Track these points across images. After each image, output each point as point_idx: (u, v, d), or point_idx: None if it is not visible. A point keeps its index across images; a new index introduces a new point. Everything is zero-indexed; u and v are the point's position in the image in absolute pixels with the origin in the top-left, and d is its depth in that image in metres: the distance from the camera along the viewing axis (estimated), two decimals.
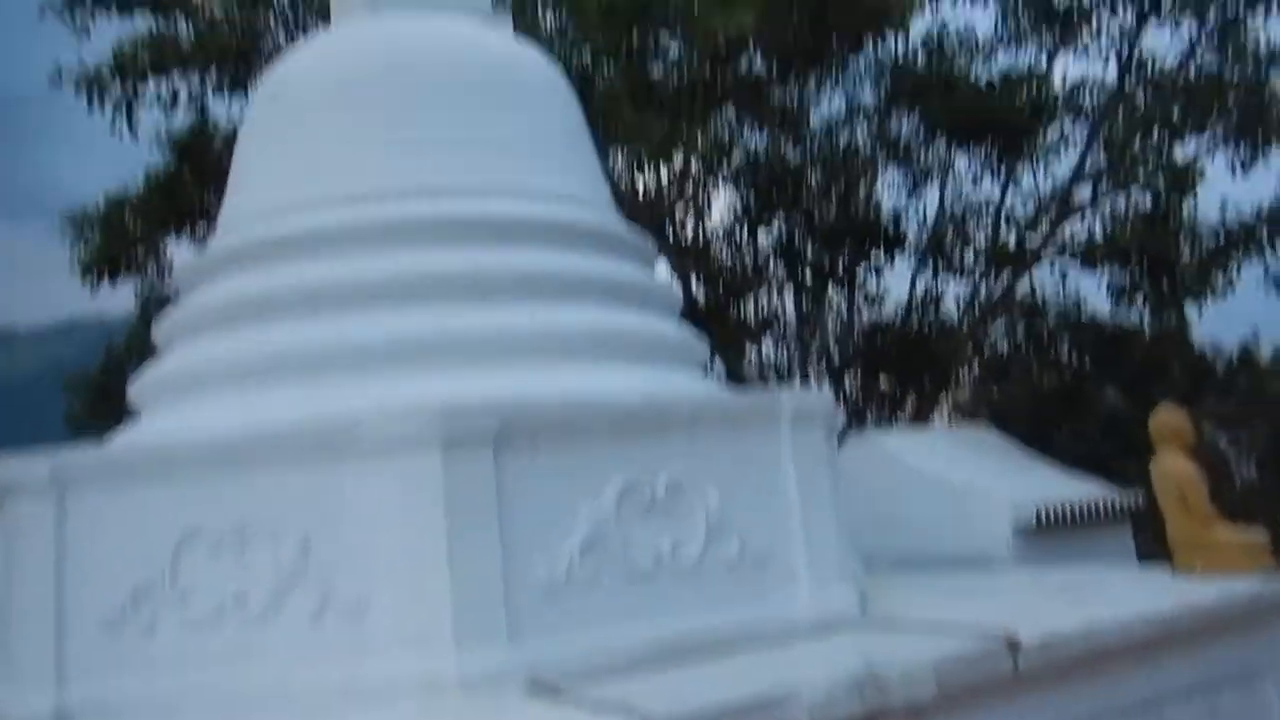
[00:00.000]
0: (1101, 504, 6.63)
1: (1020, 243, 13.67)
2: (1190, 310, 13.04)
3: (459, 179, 4.99)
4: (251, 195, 5.31)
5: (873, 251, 13.11)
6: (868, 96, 14.64)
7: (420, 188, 4.93)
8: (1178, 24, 12.86)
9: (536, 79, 5.67)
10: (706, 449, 4.29)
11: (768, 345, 15.97)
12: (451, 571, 3.65)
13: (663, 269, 13.68)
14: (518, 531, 3.82)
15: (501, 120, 5.25)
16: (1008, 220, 14.16)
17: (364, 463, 3.81)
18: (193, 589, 3.90)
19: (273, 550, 3.85)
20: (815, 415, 4.64)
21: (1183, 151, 13.10)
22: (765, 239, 14.14)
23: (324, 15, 8.57)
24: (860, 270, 13.53)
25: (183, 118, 13.99)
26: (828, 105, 15.21)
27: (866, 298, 14.96)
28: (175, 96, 13.64)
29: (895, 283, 15.09)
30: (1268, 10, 12.06)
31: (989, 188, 14.67)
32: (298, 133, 5.25)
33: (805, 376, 14.67)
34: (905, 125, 14.74)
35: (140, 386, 5.22)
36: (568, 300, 4.88)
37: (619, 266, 5.25)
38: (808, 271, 13.53)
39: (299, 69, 5.62)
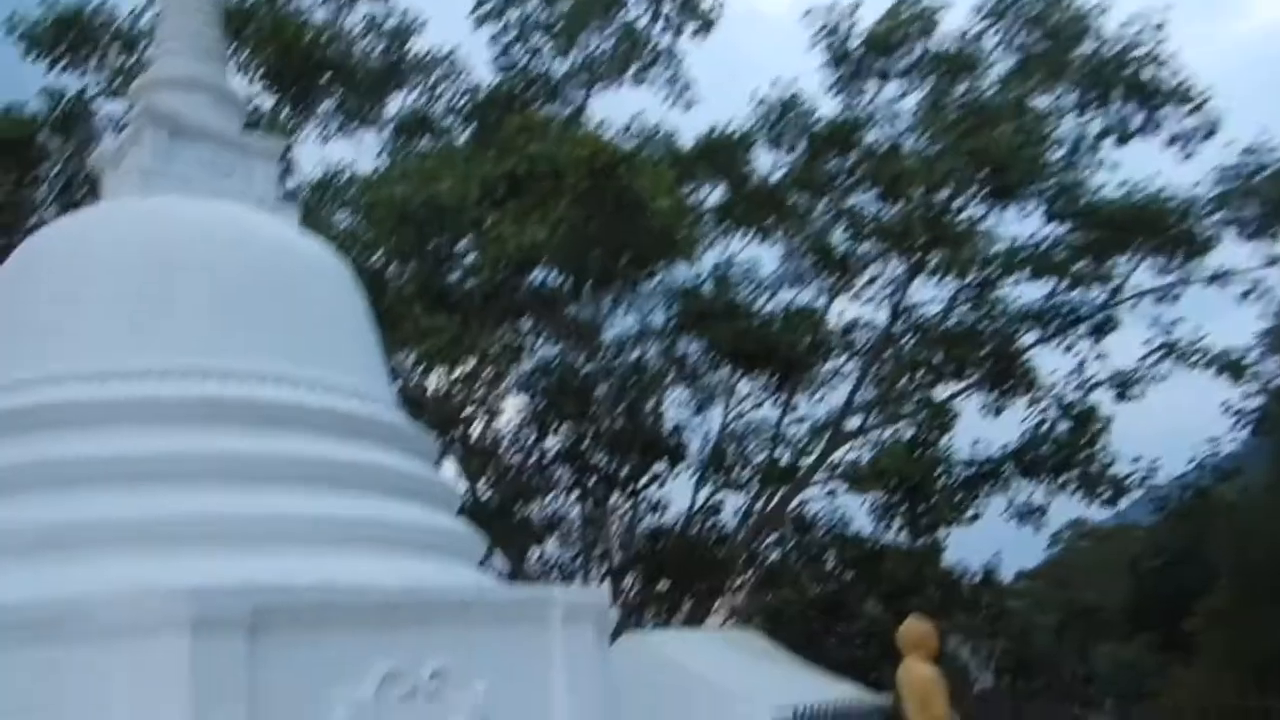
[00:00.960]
0: (855, 706, 6.89)
1: (794, 463, 14.48)
2: (943, 533, 14.09)
3: (224, 362, 4.90)
4: None
5: (656, 462, 13.52)
6: (658, 318, 15.54)
7: (181, 368, 4.81)
8: (941, 280, 14.44)
9: (316, 269, 5.67)
10: (475, 640, 4.29)
11: (552, 545, 15.98)
12: None
13: (450, 468, 13.66)
14: (272, 715, 3.66)
15: (275, 307, 5.21)
16: (784, 442, 15.04)
17: (103, 643, 3.60)
18: None
19: None
20: (587, 611, 4.73)
21: (942, 392, 14.47)
22: (553, 443, 14.38)
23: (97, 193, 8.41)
24: (643, 479, 13.89)
25: None
26: (620, 323, 16.03)
27: (649, 505, 15.33)
28: None
29: (677, 492, 15.60)
30: (1019, 276, 13.78)
31: (768, 411, 15.61)
32: (47, 308, 5.05)
33: (587, 576, 14.69)
34: (693, 347, 15.64)
35: None
36: (337, 489, 4.82)
37: (394, 459, 5.25)
38: (593, 477, 13.79)
39: (55, 243, 5.43)
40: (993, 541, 15.44)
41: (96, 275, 5.07)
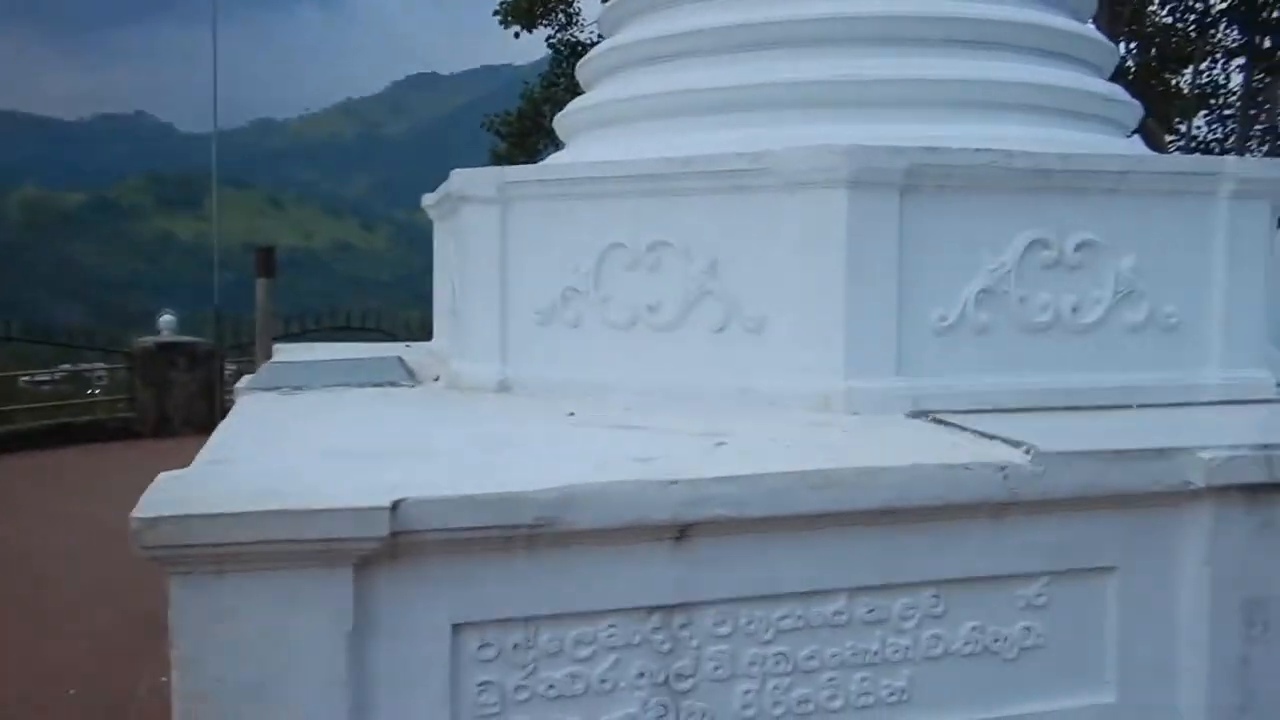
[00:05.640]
0: None
1: None
2: None
3: None
4: None
5: None
6: None
7: None
8: None
9: None
10: (1127, 212, 4.08)
11: (1200, 122, 14.29)
12: (847, 303, 3.84)
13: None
14: (915, 274, 3.90)
15: None
16: None
17: (772, 195, 3.99)
18: (612, 296, 4.37)
19: (683, 268, 4.20)
20: (1263, 187, 4.22)
21: None
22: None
23: None
24: None
25: None
26: None
27: None
28: None
29: None
30: None
31: None
32: None
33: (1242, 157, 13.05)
34: None
35: (566, 119, 5.69)
36: (986, 50, 4.66)
37: (1045, 16, 4.88)
38: (1267, 38, 11.72)
39: None
40: None
41: None
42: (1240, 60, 13.19)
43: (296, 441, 3.38)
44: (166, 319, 16.18)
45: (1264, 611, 3.25)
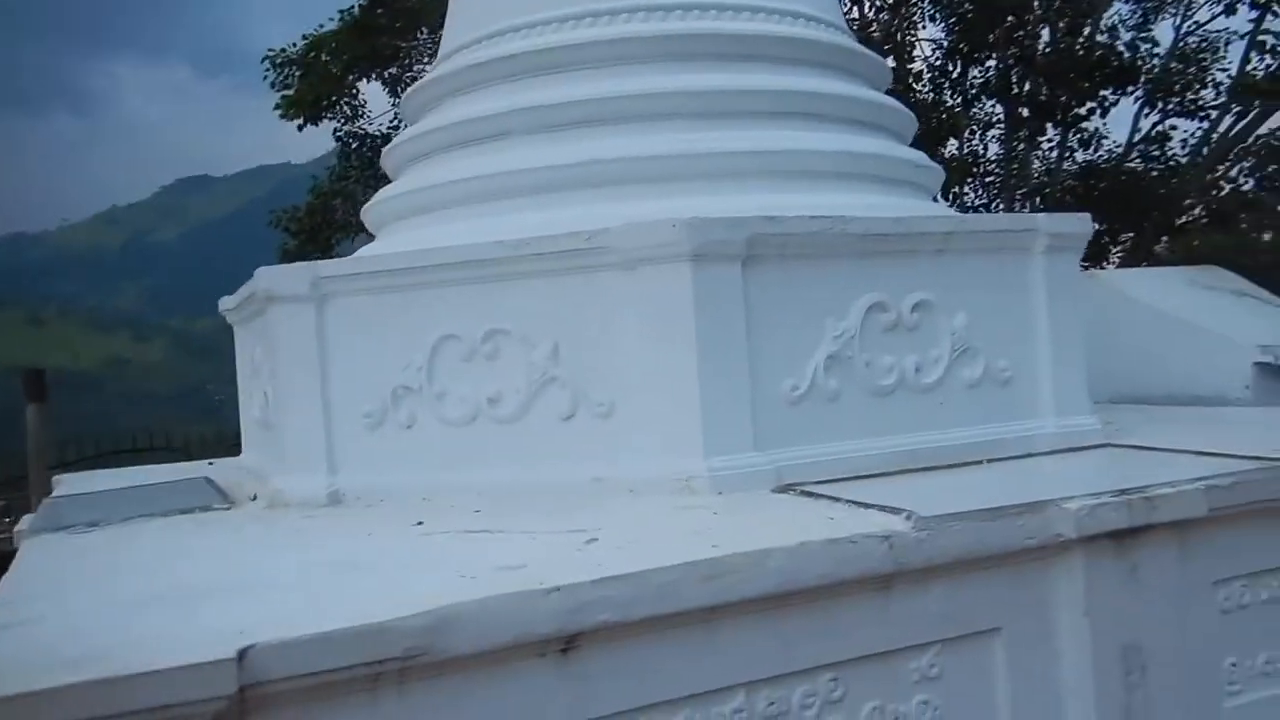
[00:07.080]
0: None
1: (1275, 75, 12.40)
2: None
3: None
4: (472, 20, 5.22)
5: (1102, 87, 12.11)
6: None
7: (651, 5, 4.76)
8: None
9: None
10: (955, 271, 4.18)
11: (967, 190, 15.32)
12: (700, 380, 3.71)
13: None
14: (763, 345, 3.83)
15: None
16: (1262, 50, 12.84)
17: (612, 273, 3.85)
18: (448, 391, 4.09)
19: (524, 356, 3.98)
20: (1071, 240, 4.42)
21: None
22: (976, 76, 13.31)
23: None
24: (1085, 106, 12.59)
25: None
26: None
27: (1081, 139, 14.04)
28: None
29: (1113, 124, 14.11)
30: None
31: (1238, 20, 13.32)
32: None
33: None
34: None
35: (376, 209, 5.40)
36: (809, 123, 4.71)
37: (857, 89, 5.02)
38: (1022, 110, 12.71)
39: None
40: None
41: None
42: (996, 131, 14.38)
43: (104, 589, 2.90)
44: None
45: (1139, 657, 3.27)
